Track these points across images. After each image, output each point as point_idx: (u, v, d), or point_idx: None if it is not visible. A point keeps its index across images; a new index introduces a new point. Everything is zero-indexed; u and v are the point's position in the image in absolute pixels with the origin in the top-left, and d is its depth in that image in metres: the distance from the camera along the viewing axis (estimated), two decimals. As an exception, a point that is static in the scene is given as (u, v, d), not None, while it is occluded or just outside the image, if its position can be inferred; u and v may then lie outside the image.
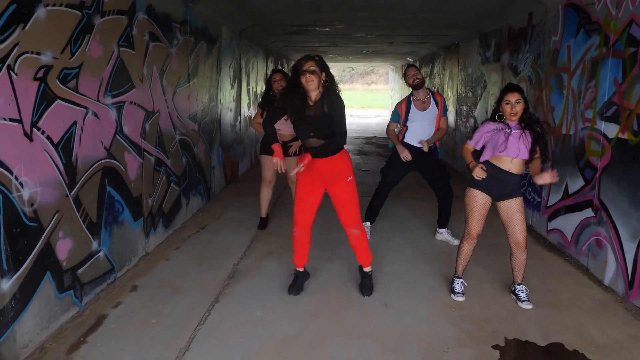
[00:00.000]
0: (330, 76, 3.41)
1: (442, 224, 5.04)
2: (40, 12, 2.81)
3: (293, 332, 3.19)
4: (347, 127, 3.53)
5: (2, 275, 2.60)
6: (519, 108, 3.32)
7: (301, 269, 3.81)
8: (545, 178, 3.28)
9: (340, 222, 3.72)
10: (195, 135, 5.81)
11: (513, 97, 3.32)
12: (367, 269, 3.80)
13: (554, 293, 3.84)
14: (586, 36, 4.37)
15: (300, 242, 3.70)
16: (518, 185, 3.55)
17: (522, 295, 3.62)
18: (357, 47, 11.84)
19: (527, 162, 3.45)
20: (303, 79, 3.30)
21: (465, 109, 8.71)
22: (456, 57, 9.43)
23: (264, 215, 5.41)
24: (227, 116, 7.40)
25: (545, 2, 5.13)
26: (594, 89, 4.21)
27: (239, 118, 8.17)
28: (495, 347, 3.05)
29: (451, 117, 9.80)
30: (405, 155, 4.69)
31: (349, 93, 45.40)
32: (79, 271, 3.35)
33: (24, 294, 2.78)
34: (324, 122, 3.38)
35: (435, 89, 11.40)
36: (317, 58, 3.38)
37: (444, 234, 5.05)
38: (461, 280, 3.77)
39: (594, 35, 4.24)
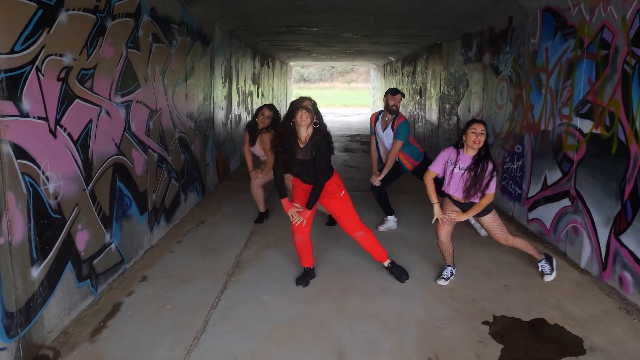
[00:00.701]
0: (320, 118, 3.71)
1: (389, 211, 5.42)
2: (62, 16, 2.99)
3: (299, 314, 3.44)
4: (330, 125, 3.85)
5: (32, 263, 2.78)
6: (482, 139, 3.61)
7: (311, 267, 4.04)
8: (460, 217, 3.75)
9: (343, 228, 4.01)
10: (192, 133, 5.99)
11: (479, 128, 3.61)
12: (386, 264, 4.06)
13: (535, 276, 4.17)
14: (563, 39, 4.72)
15: (304, 248, 3.93)
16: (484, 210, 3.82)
17: (547, 269, 4.06)
18: (342, 46, 12.11)
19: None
20: (298, 114, 3.55)
21: (448, 107, 9.06)
22: (439, 56, 9.78)
23: (262, 210, 5.65)
24: (220, 115, 7.58)
25: (524, 7, 5.48)
26: (570, 88, 4.56)
27: (229, 116, 8.35)
28: (485, 322, 3.35)
29: (434, 114, 10.16)
30: (375, 182, 5.18)
31: (329, 92, 45.76)
32: (95, 262, 3.53)
33: (50, 281, 2.96)
34: (312, 165, 3.67)
35: (418, 89, 11.76)
36: (312, 101, 3.73)
37: (390, 221, 5.42)
38: (451, 268, 4.07)
39: (569, 39, 4.59)
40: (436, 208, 3.84)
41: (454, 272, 4.09)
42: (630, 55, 3.66)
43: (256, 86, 11.21)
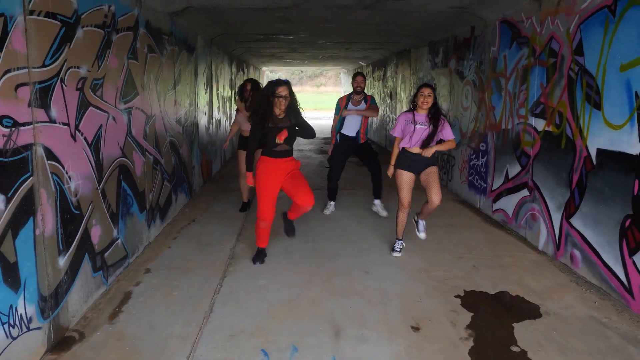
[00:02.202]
0: (293, 97, 4.28)
1: (377, 196, 6.20)
2: (79, 32, 3.33)
3: (294, 295, 3.86)
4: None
5: (59, 253, 3.11)
6: (430, 100, 4.39)
7: (264, 247, 4.60)
8: (427, 152, 4.42)
9: (298, 203, 4.37)
10: (180, 137, 6.33)
11: (426, 91, 4.42)
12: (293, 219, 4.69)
13: (499, 258, 4.73)
14: (518, 48, 5.32)
15: (265, 232, 4.48)
16: (430, 160, 4.58)
17: (420, 227, 4.85)
18: (315, 52, 12.59)
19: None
20: (276, 100, 4.15)
21: (417, 109, 9.65)
22: (408, 62, 10.38)
23: (245, 200, 6.33)
24: (203, 119, 7.92)
25: (484, 18, 6.08)
26: (525, 91, 5.15)
27: (211, 121, 8.69)
28: (457, 296, 3.86)
29: (405, 116, 10.74)
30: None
31: (299, 95, 46.15)
32: (106, 254, 3.86)
33: (72, 270, 3.29)
34: (292, 131, 4.26)
35: (389, 92, 12.34)
36: (288, 82, 4.27)
37: (377, 206, 6.18)
38: (401, 241, 4.77)
39: (524, 47, 5.19)
40: (391, 168, 4.70)
41: (404, 245, 4.78)
42: (574, 63, 4.26)
43: (233, 91, 11.56)
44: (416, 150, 4.52)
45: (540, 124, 4.88)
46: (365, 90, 6.52)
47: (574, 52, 4.26)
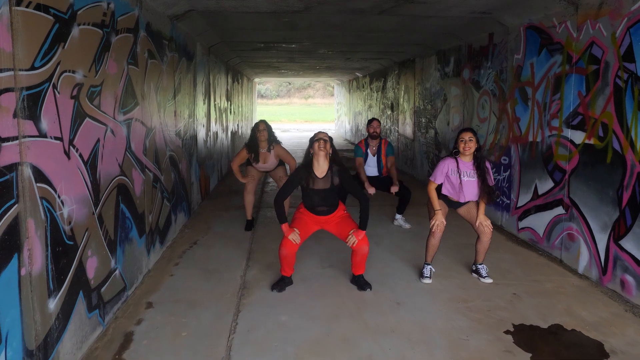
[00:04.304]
0: (335, 151, 3.99)
1: (400, 211, 6.14)
2: (75, 30, 2.84)
3: (322, 333, 3.35)
4: (297, 141, 4.26)
5: (49, 294, 2.58)
6: (472, 145, 4.03)
7: (289, 276, 4.16)
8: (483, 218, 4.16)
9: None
10: (180, 151, 5.82)
11: (466, 136, 4.04)
12: (361, 275, 4.19)
13: (539, 283, 4.29)
14: (549, 55, 4.94)
15: (288, 260, 4.05)
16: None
17: (483, 272, 4.35)
18: (314, 62, 12.20)
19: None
20: (316, 145, 3.88)
21: (424, 120, 9.27)
22: (412, 72, 10.03)
23: (249, 217, 5.91)
24: (201, 132, 7.41)
25: (506, 24, 5.72)
26: (559, 101, 4.77)
27: (209, 133, 8.19)
28: (507, 332, 3.40)
29: (409, 128, 10.37)
30: (371, 191, 5.64)
31: (287, 107, 45.95)
32: (102, 289, 3.32)
33: (64, 314, 2.75)
34: (332, 194, 3.97)
35: (389, 104, 11.98)
36: (330, 136, 4.01)
37: (399, 220, 6.13)
38: (430, 266, 4.35)
39: (556, 54, 4.82)
40: (439, 215, 4.15)
41: (433, 270, 4.39)
42: (622, 70, 3.88)
43: (229, 102, 11.08)
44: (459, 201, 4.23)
45: (578, 137, 4.49)
46: (363, 102, 6.60)
47: (622, 59, 3.88)
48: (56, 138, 2.64)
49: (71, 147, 2.82)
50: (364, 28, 6.81)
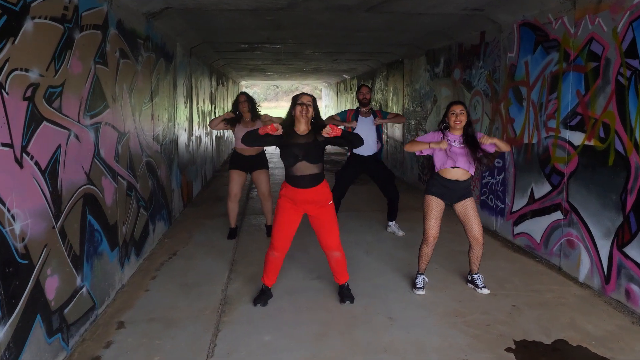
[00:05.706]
0: (318, 114, 3.66)
1: (391, 218, 5.81)
2: (28, 24, 2.53)
3: (309, 354, 3.08)
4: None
5: (-3, 322, 2.26)
6: (463, 118, 3.79)
7: (269, 287, 3.87)
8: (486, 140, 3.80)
9: (320, 246, 3.81)
10: (158, 157, 5.50)
11: (458, 109, 3.81)
12: (345, 284, 3.91)
13: (539, 293, 4.05)
14: (544, 52, 4.73)
15: (275, 265, 3.77)
16: (467, 189, 3.98)
17: (480, 283, 4.09)
18: (300, 64, 11.93)
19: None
20: (298, 109, 3.56)
21: (414, 123, 9.05)
22: (401, 73, 9.80)
23: (233, 226, 5.63)
24: (183, 136, 7.10)
25: (499, 21, 5.50)
26: (556, 101, 4.55)
27: (191, 138, 7.87)
28: (508, 349, 3.14)
29: (398, 131, 10.14)
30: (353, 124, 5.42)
31: (275, 111, 45.63)
32: (65, 311, 3.00)
33: (17, 342, 2.44)
34: (315, 148, 3.59)
35: (378, 106, 11.75)
36: (314, 97, 3.67)
37: (392, 227, 5.80)
38: (423, 276, 4.10)
39: (552, 52, 4.60)
40: (439, 141, 3.81)
41: (427, 280, 4.12)
42: (625, 67, 3.67)
43: (213, 106, 10.77)
44: (451, 175, 3.87)
45: (577, 138, 4.27)
46: (351, 105, 6.25)
47: (625, 55, 3.67)
48: (4, 145, 2.33)
49: (24, 154, 2.51)
50: (352, 27, 6.56)
